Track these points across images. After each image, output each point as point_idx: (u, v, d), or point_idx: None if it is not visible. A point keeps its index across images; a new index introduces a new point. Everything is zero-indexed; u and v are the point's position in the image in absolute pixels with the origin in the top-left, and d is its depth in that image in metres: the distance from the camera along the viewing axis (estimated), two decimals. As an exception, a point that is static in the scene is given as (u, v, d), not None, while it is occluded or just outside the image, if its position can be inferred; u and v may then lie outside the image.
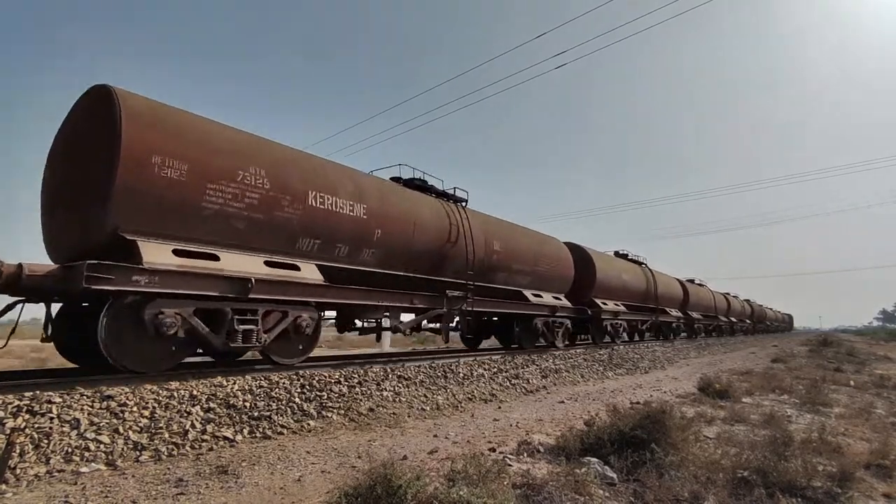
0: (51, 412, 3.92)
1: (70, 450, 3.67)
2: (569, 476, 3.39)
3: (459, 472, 3.19)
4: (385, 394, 6.24)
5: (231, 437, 4.41)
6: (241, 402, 4.95)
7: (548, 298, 12.49)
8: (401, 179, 9.69)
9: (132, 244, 5.08)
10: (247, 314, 5.98)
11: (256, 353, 6.90)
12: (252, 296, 5.92)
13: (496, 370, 8.54)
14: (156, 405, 4.44)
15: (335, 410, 5.46)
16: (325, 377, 6.03)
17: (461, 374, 7.78)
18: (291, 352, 6.83)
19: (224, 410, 4.75)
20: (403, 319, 8.74)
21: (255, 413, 4.90)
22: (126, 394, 4.43)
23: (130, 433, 4.03)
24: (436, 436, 4.97)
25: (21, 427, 3.67)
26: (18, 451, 3.45)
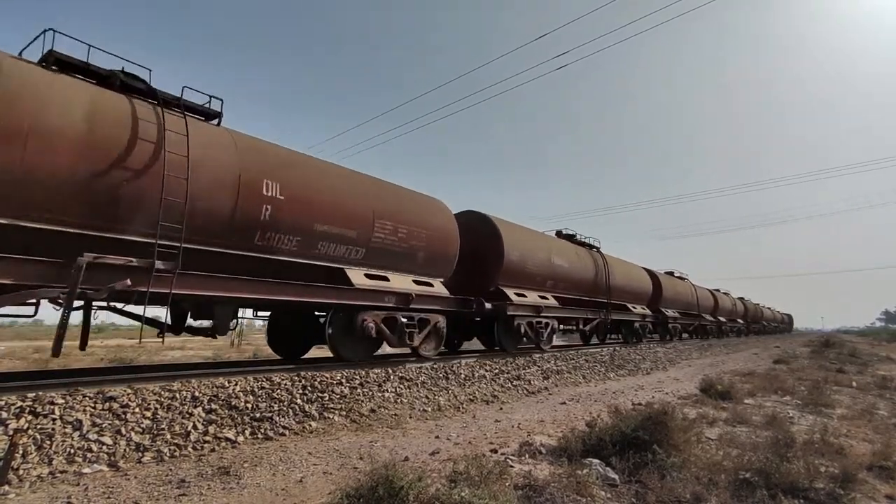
0: (53, 413, 3.94)
1: (72, 451, 3.68)
2: (570, 477, 3.39)
3: (461, 474, 3.19)
4: (387, 395, 6.24)
5: (233, 438, 4.41)
6: (243, 404, 4.96)
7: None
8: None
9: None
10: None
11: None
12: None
13: (498, 371, 8.54)
14: (158, 406, 4.45)
15: (337, 411, 5.46)
16: (327, 378, 6.04)
17: (462, 376, 7.78)
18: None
19: (226, 412, 4.76)
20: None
21: (257, 414, 4.91)
22: (128, 395, 4.44)
23: (133, 434, 4.03)
24: (437, 437, 4.97)
25: (24, 428, 3.68)
26: (21, 452, 3.46)
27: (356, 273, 7.69)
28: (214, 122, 6.48)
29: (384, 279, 8.11)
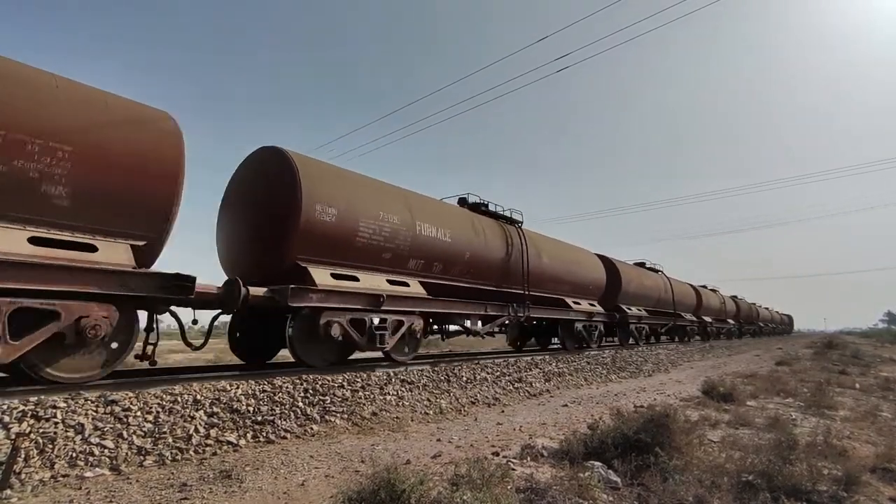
0: (55, 417, 3.94)
1: (74, 454, 3.68)
2: (572, 480, 3.39)
3: (463, 477, 3.18)
4: (388, 398, 6.24)
5: (235, 442, 4.42)
6: (245, 407, 4.96)
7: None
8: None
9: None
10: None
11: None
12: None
13: (499, 374, 8.53)
14: (160, 410, 4.46)
15: (338, 415, 5.46)
16: (329, 381, 6.04)
17: (464, 378, 7.78)
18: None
19: (228, 415, 4.76)
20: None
21: (259, 417, 4.91)
22: (130, 398, 4.44)
23: (134, 438, 4.04)
24: (439, 440, 4.97)
25: (26, 432, 3.69)
26: (23, 456, 3.46)
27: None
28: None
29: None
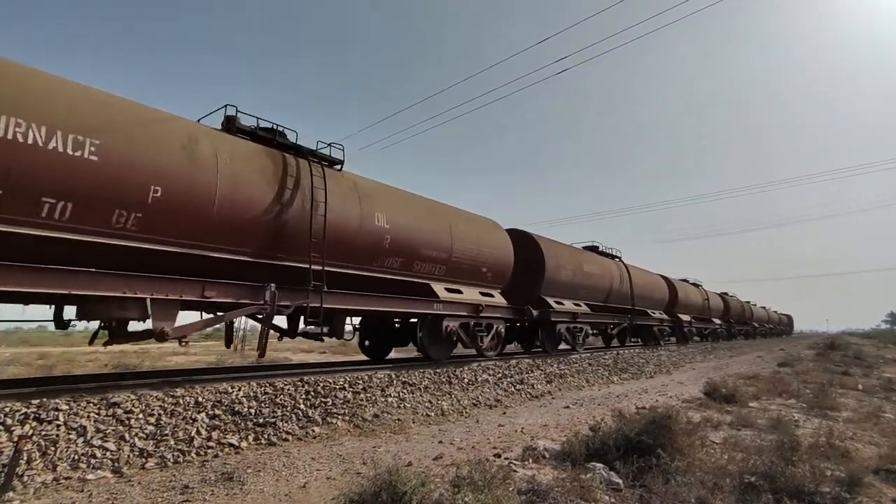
0: (58, 419, 3.95)
1: (76, 457, 3.69)
2: (574, 482, 3.38)
3: (464, 478, 3.18)
4: (390, 400, 6.24)
5: (236, 444, 4.42)
6: (247, 409, 4.97)
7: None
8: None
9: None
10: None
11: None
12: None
13: (501, 375, 8.53)
14: (161, 412, 4.46)
15: (340, 417, 5.46)
16: (330, 383, 6.04)
17: (466, 380, 7.77)
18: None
19: (229, 417, 4.77)
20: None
21: (261, 420, 4.91)
22: (132, 401, 4.45)
23: (136, 440, 4.05)
24: (441, 442, 4.96)
25: (28, 434, 3.70)
26: (25, 459, 3.47)
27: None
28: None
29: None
